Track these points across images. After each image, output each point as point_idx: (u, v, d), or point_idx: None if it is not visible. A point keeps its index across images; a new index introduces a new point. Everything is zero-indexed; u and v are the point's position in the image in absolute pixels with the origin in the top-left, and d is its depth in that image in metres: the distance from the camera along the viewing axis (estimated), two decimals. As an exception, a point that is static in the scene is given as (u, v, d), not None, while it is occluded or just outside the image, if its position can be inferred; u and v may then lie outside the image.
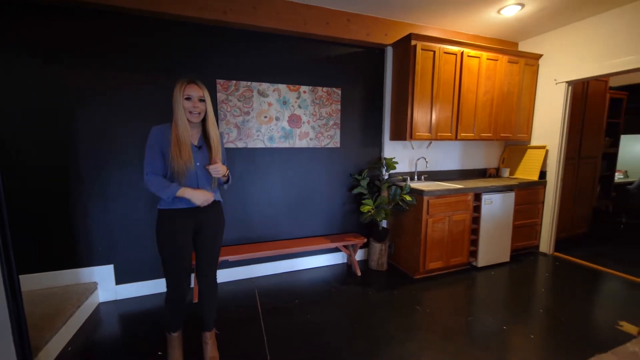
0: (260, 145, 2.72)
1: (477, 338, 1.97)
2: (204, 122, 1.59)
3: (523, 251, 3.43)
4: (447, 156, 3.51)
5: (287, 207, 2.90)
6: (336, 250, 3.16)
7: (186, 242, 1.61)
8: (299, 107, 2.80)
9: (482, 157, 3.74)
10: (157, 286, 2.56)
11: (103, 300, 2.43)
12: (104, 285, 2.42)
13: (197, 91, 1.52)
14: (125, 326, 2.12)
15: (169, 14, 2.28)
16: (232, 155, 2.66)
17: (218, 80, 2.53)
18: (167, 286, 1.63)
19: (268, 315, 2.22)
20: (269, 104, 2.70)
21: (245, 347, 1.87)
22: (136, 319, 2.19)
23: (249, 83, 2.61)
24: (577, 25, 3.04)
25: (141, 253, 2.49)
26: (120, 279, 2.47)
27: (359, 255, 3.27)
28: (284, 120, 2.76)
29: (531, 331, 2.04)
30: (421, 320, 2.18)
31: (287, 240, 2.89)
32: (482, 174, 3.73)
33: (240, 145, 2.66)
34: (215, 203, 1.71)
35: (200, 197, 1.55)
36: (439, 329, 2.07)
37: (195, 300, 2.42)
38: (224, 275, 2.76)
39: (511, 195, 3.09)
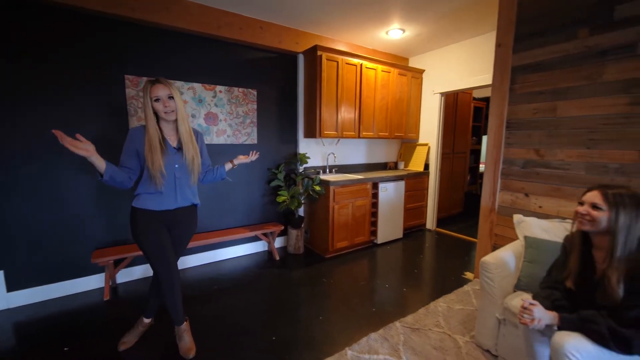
0: (176, 141, 2.78)
1: (366, 296, 2.48)
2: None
3: (414, 229, 4.22)
4: (355, 152, 4.08)
5: (208, 200, 3.02)
6: (257, 239, 3.41)
7: (165, 236, 1.65)
8: (215, 105, 2.94)
9: (384, 152, 4.43)
10: (56, 290, 2.41)
11: (-9, 311, 2.21)
12: (-8, 293, 2.20)
13: (164, 90, 1.51)
14: (19, 334, 1.98)
15: (69, 5, 2.19)
16: (145, 151, 2.66)
17: (127, 76, 2.51)
18: (160, 275, 1.64)
19: (187, 303, 2.28)
20: (184, 102, 2.78)
21: (160, 335, 1.96)
22: (33, 326, 2.06)
23: (161, 80, 2.65)
24: (447, 49, 3.88)
25: (35, 256, 2.32)
26: (11, 285, 2.27)
27: (279, 242, 3.59)
28: (200, 117, 2.88)
29: (405, 286, 2.65)
30: (326, 289, 2.61)
31: (209, 232, 3.02)
32: (383, 167, 4.43)
33: (154, 141, 2.68)
34: (191, 206, 1.75)
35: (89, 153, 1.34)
36: (338, 294, 2.52)
37: (107, 298, 2.40)
38: (140, 271, 2.76)
39: (402, 184, 3.79)
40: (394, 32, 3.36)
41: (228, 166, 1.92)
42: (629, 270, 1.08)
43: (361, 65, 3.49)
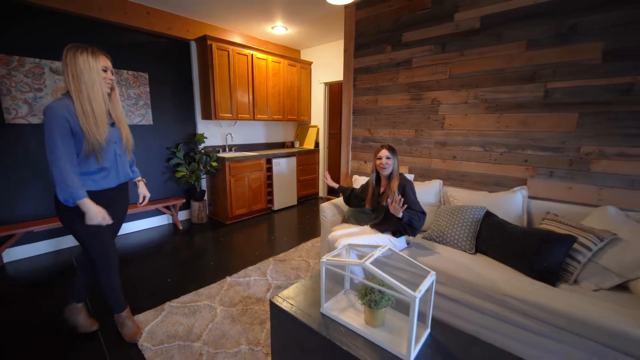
0: (61, 121, 2.84)
1: (253, 246, 3.13)
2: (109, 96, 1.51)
3: (308, 197, 5.07)
4: (254, 132, 4.61)
5: (102, 179, 3.17)
6: (160, 213, 3.71)
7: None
8: (104, 87, 3.06)
9: (281, 133, 5.08)
10: None
11: None
12: None
13: (109, 63, 1.46)
14: None
15: None
16: (26, 133, 2.68)
17: (-7, 54, 2.47)
18: (98, 260, 1.59)
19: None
20: (67, 82, 2.84)
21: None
22: None
23: (37, 60, 2.66)
24: (327, 46, 4.65)
25: None
26: None
27: (184, 215, 3.95)
28: (87, 98, 2.97)
29: (286, 236, 3.41)
30: (221, 246, 3.17)
31: (106, 209, 3.20)
32: (282, 145, 5.10)
33: (34, 121, 2.71)
34: (127, 182, 1.70)
35: (98, 217, 1.44)
36: (230, 247, 3.11)
37: (-5, 274, 2.47)
38: (34, 248, 2.83)
39: (294, 159, 4.52)
40: (278, 29, 3.93)
41: (138, 178, 1.87)
42: (399, 185, 1.93)
43: (252, 55, 3.97)
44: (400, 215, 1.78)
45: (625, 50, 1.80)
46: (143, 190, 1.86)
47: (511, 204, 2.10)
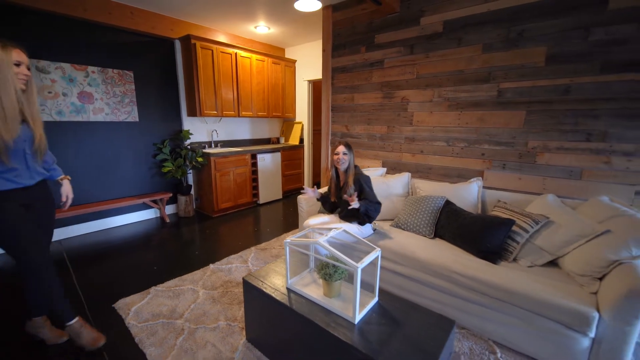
0: (48, 119, 2.94)
1: (237, 237, 3.30)
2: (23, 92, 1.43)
3: (293, 191, 5.23)
4: (239, 129, 4.75)
5: (89, 174, 3.28)
6: (148, 207, 3.83)
7: (24, 218, 1.49)
8: (89, 85, 3.16)
9: (267, 129, 5.23)
10: None
11: None
12: None
13: (25, 58, 1.41)
14: None
15: None
16: (12, 128, 2.77)
17: (-20, 53, 2.54)
18: (34, 264, 1.48)
19: (79, 269, 2.58)
20: (53, 80, 2.93)
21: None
22: None
23: (23, 59, 2.74)
24: (311, 44, 4.78)
25: None
26: None
27: (171, 209, 4.08)
28: (73, 96, 3.07)
29: (269, 227, 3.58)
30: (207, 237, 3.32)
31: (95, 203, 3.31)
32: (267, 141, 5.24)
33: (21, 118, 2.80)
34: (41, 181, 1.60)
35: None
36: (216, 238, 3.28)
37: (-14, 265, 2.57)
38: (20, 243, 2.93)
39: (278, 155, 4.68)
40: (261, 29, 4.05)
41: (61, 176, 1.75)
42: (354, 179, 2.11)
43: (236, 54, 4.09)
44: (357, 206, 1.97)
45: (564, 54, 2.02)
46: (66, 189, 1.71)
47: (468, 194, 2.32)
